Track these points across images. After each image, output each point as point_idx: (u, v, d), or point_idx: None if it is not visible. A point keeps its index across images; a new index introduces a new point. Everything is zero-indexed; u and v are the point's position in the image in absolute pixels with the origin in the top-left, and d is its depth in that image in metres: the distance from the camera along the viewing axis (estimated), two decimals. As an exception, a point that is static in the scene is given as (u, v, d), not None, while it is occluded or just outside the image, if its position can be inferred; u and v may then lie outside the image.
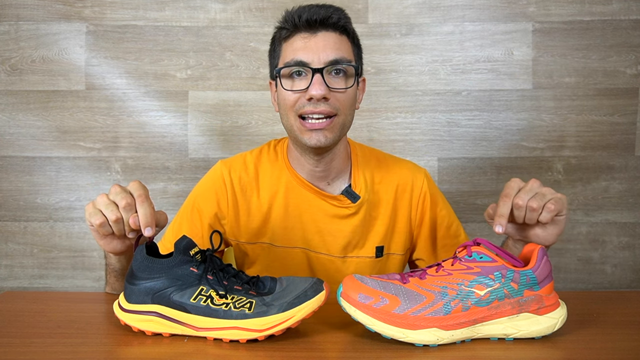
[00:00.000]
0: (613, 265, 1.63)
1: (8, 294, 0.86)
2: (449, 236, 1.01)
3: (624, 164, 1.60)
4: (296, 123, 0.88)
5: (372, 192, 0.98)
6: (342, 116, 0.89)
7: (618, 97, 1.59)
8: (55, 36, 1.60)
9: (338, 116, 0.88)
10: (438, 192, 1.04)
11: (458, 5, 1.59)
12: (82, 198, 1.63)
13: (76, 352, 0.62)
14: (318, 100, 0.85)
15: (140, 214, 0.69)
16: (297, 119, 0.88)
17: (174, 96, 1.62)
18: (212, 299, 0.65)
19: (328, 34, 0.87)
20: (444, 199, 1.04)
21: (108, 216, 0.71)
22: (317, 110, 0.86)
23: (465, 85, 1.61)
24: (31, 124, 1.61)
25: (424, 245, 1.02)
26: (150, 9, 1.60)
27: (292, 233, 0.97)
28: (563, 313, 0.65)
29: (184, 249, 0.66)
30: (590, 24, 1.58)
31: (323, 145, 0.88)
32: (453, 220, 1.02)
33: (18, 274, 1.64)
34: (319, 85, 0.84)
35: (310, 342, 0.65)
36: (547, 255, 0.66)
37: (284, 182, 0.98)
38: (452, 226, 1.02)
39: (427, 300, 0.63)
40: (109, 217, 0.71)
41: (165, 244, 0.97)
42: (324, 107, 0.86)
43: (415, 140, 1.62)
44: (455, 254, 0.68)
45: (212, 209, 0.98)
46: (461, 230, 1.03)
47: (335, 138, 0.89)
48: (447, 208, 1.03)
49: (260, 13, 1.60)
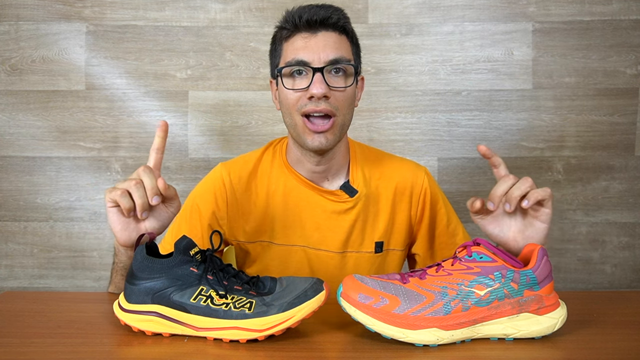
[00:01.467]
0: (613, 265, 1.63)
1: (8, 294, 0.86)
2: (446, 234, 1.02)
3: (624, 164, 1.60)
4: (299, 122, 0.90)
5: (371, 188, 0.99)
6: (341, 116, 0.90)
7: (618, 97, 1.59)
8: (55, 36, 1.60)
9: (337, 116, 0.89)
10: (438, 190, 1.04)
11: (458, 5, 1.59)
12: (82, 198, 1.63)
13: (76, 352, 0.62)
14: (319, 99, 0.86)
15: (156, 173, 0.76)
16: (301, 118, 0.89)
17: (174, 96, 1.62)
18: (212, 299, 0.65)
19: (328, 33, 0.89)
20: (444, 197, 1.04)
21: (128, 184, 0.73)
22: (319, 108, 0.87)
23: (465, 85, 1.61)
24: (31, 124, 1.61)
25: (422, 242, 1.03)
26: (150, 9, 1.60)
27: (292, 231, 0.98)
28: (563, 313, 0.65)
29: (184, 249, 0.66)
30: (590, 24, 1.58)
31: (325, 147, 0.90)
32: (452, 218, 1.03)
33: (18, 274, 1.64)
34: (320, 84, 0.86)
35: (310, 342, 0.65)
36: (547, 255, 0.66)
37: (283, 181, 0.98)
38: (450, 225, 1.02)
39: (427, 300, 0.63)
40: (129, 185, 0.73)
41: (165, 245, 0.97)
42: (325, 105, 0.87)
43: (415, 140, 1.62)
44: (455, 254, 0.68)
45: (211, 209, 0.98)
46: (459, 230, 1.03)
47: (336, 139, 0.91)
48: (446, 206, 1.03)
49: (260, 13, 1.60)
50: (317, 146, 0.89)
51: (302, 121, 0.89)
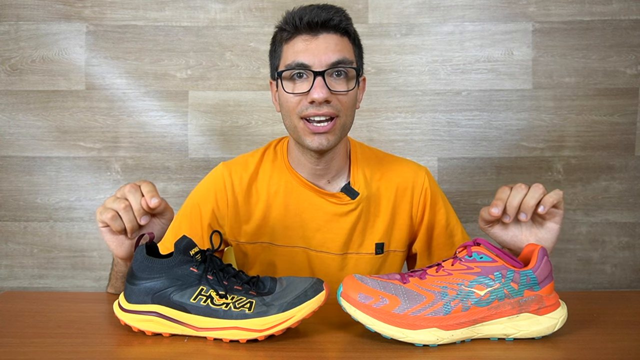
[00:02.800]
0: (613, 265, 1.63)
1: (8, 294, 0.86)
2: (445, 235, 1.01)
3: (624, 164, 1.60)
4: (299, 124, 0.89)
5: (372, 189, 0.98)
6: (343, 117, 0.89)
7: (618, 97, 1.59)
8: (55, 36, 1.60)
9: (339, 117, 0.88)
10: (439, 190, 1.04)
11: (458, 5, 1.59)
12: (82, 198, 1.63)
13: (76, 352, 0.62)
14: (320, 104, 0.85)
15: (144, 189, 0.79)
16: (300, 121, 0.88)
17: (174, 96, 1.62)
18: (212, 299, 0.65)
19: (329, 36, 0.87)
20: (444, 197, 1.04)
21: (117, 206, 0.77)
22: (320, 112, 0.86)
23: (465, 85, 1.61)
24: (31, 124, 1.61)
25: (420, 240, 1.02)
26: (150, 9, 1.60)
27: (292, 232, 0.97)
28: (563, 313, 0.65)
29: (184, 249, 0.66)
30: (590, 24, 1.58)
31: (325, 148, 0.89)
32: (451, 219, 1.03)
33: (18, 274, 1.64)
34: (321, 89, 0.84)
35: (310, 342, 0.65)
36: (547, 255, 0.66)
37: (284, 182, 0.98)
38: (449, 225, 1.02)
39: (427, 300, 0.63)
40: (118, 208, 0.77)
41: (165, 244, 0.97)
42: (327, 109, 0.86)
43: (415, 140, 1.62)
44: (456, 254, 0.68)
45: (211, 209, 0.98)
46: (458, 230, 1.03)
47: (336, 140, 0.90)
48: (446, 206, 1.03)
49: (260, 13, 1.60)
50: (317, 147, 0.88)
51: (302, 123, 0.88)
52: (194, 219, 0.98)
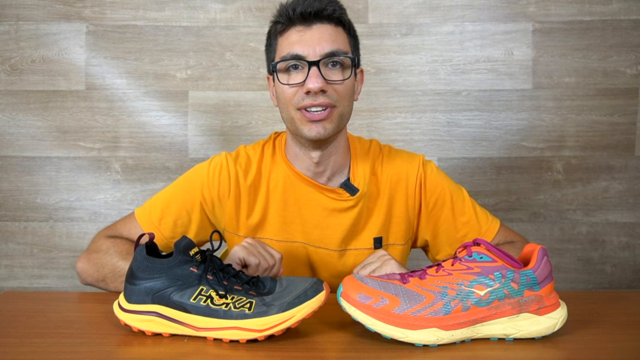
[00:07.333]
0: (613, 265, 1.63)
1: (8, 294, 0.86)
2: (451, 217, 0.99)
3: (624, 164, 1.60)
4: (297, 115, 0.89)
5: (370, 185, 0.98)
6: (341, 107, 0.89)
7: (618, 97, 1.59)
8: (55, 36, 1.60)
9: (337, 107, 0.88)
10: (438, 173, 1.01)
11: (458, 5, 1.59)
12: (82, 198, 1.63)
13: (76, 352, 0.62)
14: (316, 93, 0.85)
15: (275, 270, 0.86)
16: (297, 112, 0.88)
17: (174, 96, 1.62)
18: (212, 299, 0.65)
19: (323, 26, 0.87)
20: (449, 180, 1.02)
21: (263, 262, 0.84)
22: (317, 102, 0.86)
23: (465, 85, 1.61)
24: (31, 124, 1.61)
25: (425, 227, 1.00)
26: (150, 9, 1.60)
27: (292, 227, 0.97)
28: (563, 313, 0.65)
29: (183, 249, 0.66)
30: (590, 24, 1.58)
31: (323, 137, 0.88)
32: (456, 198, 1.00)
33: (18, 274, 1.64)
34: (316, 78, 0.84)
35: (310, 342, 0.65)
36: (547, 255, 0.66)
37: (283, 177, 0.98)
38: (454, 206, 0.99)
39: (427, 300, 0.63)
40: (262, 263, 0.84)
41: (150, 204, 0.98)
42: (323, 99, 0.86)
43: (415, 140, 1.62)
44: (456, 254, 0.68)
45: (210, 196, 0.97)
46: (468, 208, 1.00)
47: (334, 129, 0.89)
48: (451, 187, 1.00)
49: (260, 13, 1.60)
50: (314, 135, 0.87)
51: (299, 114, 0.88)
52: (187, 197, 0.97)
